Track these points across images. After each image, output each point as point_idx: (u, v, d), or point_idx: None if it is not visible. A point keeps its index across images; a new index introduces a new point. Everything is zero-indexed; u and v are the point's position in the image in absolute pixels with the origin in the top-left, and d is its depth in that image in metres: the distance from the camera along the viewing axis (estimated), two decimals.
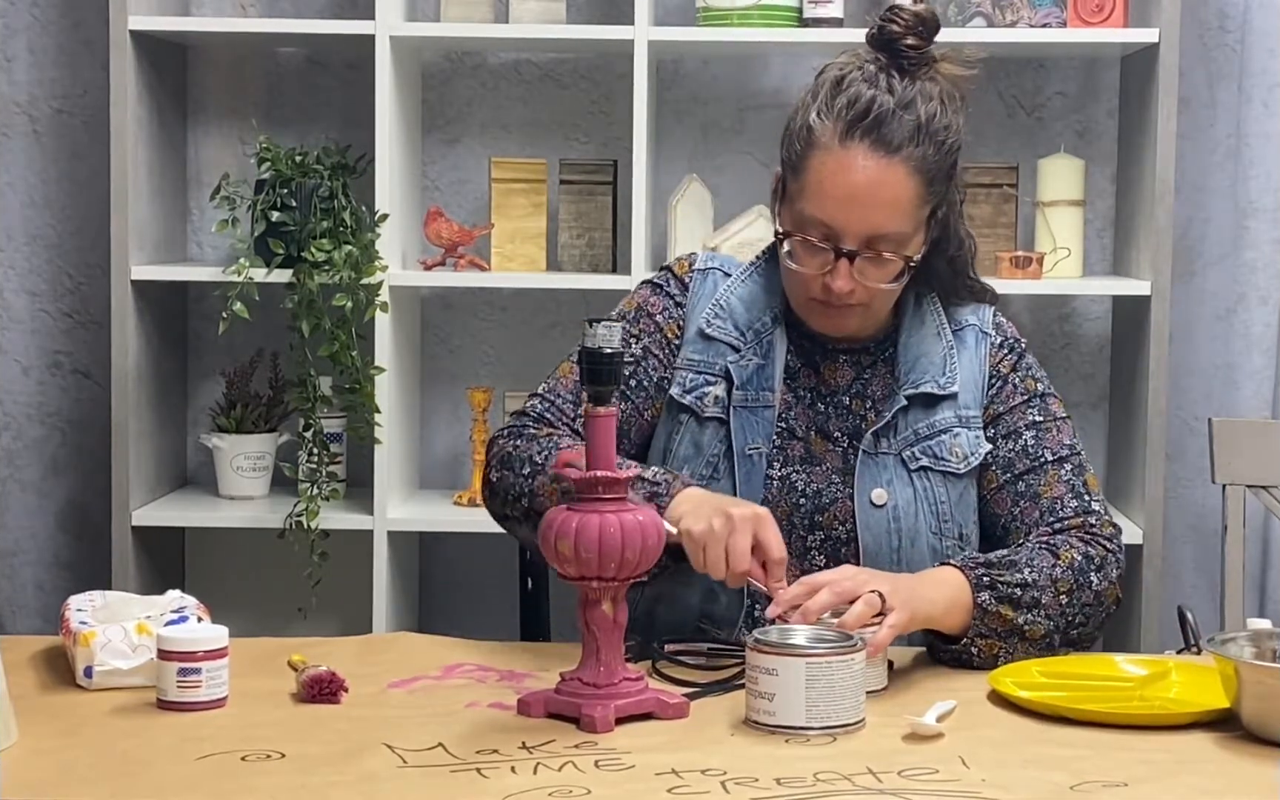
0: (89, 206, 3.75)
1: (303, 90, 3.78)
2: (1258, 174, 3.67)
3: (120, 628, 2.03)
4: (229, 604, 3.01)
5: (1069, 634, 2.19)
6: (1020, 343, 2.40)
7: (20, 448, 3.82)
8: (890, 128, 2.23)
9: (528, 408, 2.35)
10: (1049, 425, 2.34)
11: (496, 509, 2.31)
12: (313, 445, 3.48)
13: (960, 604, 2.14)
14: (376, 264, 3.42)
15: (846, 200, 2.23)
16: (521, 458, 2.26)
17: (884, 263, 2.26)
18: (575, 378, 2.34)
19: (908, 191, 2.24)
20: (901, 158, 2.23)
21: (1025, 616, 2.15)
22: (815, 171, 2.25)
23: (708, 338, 2.36)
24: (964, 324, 2.38)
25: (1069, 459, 2.32)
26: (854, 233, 2.24)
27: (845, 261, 2.24)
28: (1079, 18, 3.44)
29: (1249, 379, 3.70)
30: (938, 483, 2.31)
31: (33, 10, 3.76)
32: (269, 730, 1.89)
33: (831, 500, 2.29)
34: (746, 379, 2.33)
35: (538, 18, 3.49)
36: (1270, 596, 3.70)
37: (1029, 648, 2.16)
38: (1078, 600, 2.19)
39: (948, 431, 2.32)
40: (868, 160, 2.23)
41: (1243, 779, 1.78)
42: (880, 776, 1.75)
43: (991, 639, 2.14)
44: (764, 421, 2.31)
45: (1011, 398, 2.35)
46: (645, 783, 1.73)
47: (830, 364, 2.36)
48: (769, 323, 2.35)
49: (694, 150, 3.73)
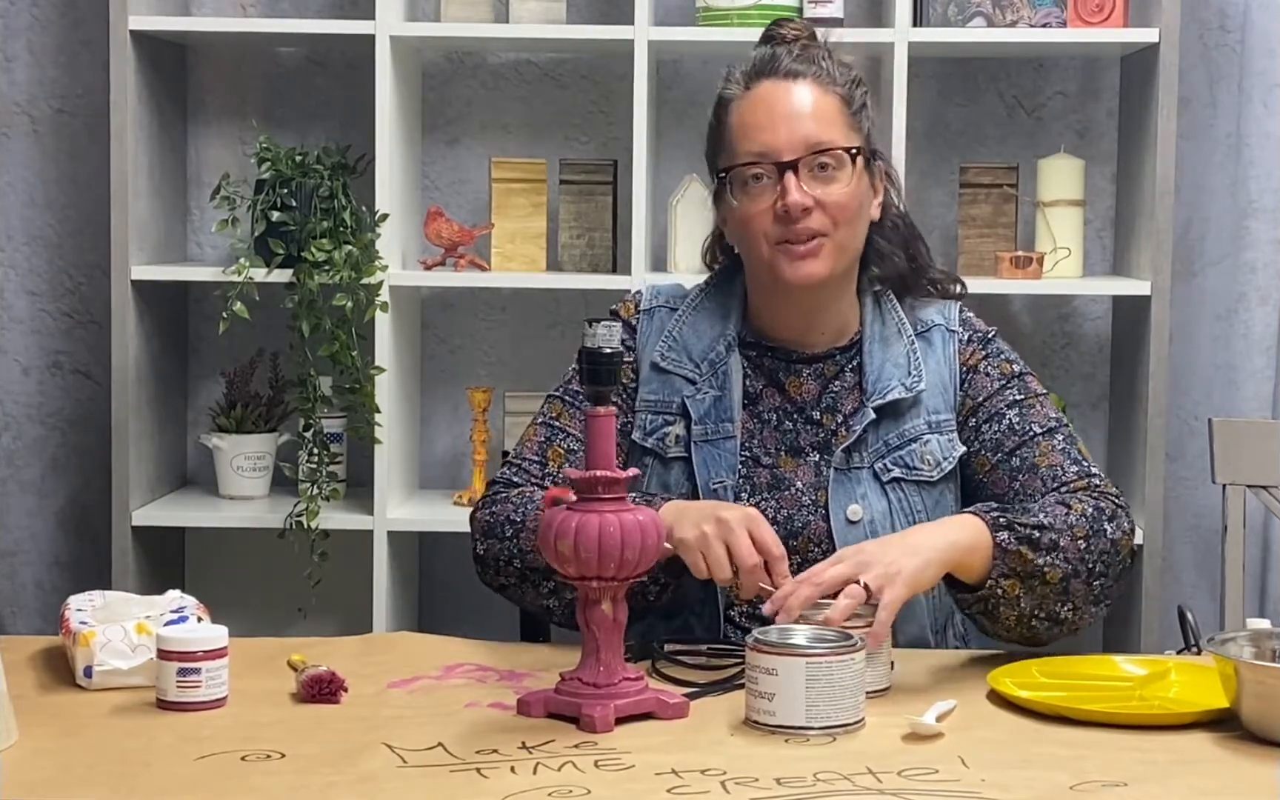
0: (89, 206, 3.75)
1: (303, 90, 3.78)
2: (1258, 174, 3.67)
3: (120, 628, 2.03)
4: (229, 604, 3.01)
5: (1090, 585, 2.16)
6: (989, 332, 2.39)
7: (20, 448, 3.82)
8: (790, 63, 2.32)
9: (498, 477, 2.37)
10: (1031, 401, 2.33)
11: (490, 580, 2.31)
12: (313, 445, 3.48)
13: (980, 544, 2.11)
14: (376, 264, 3.42)
15: (769, 121, 2.29)
16: (500, 521, 2.27)
17: (831, 174, 2.28)
18: (539, 439, 2.36)
19: (827, 103, 2.30)
20: (809, 79, 2.31)
21: (1045, 558, 2.13)
22: (736, 121, 2.33)
23: (662, 371, 2.36)
24: (930, 324, 2.38)
25: (1058, 430, 2.31)
26: (789, 143, 2.27)
27: (791, 175, 2.26)
28: (1079, 18, 3.44)
29: (1249, 379, 3.70)
30: (912, 492, 2.30)
31: (33, 10, 3.76)
32: (269, 730, 1.89)
33: (803, 524, 2.28)
34: (704, 413, 2.32)
35: (538, 18, 3.49)
36: (1270, 596, 3.70)
37: (1049, 594, 2.14)
38: (1095, 546, 2.16)
39: (918, 439, 2.31)
40: (775, 87, 2.32)
41: (1243, 779, 1.79)
42: (880, 776, 1.75)
43: (1013, 579, 2.12)
44: (726, 453, 2.31)
45: (988, 384, 2.34)
46: (645, 783, 1.73)
47: (794, 378, 2.35)
48: (723, 352, 2.35)
49: (694, 150, 3.70)
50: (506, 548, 2.26)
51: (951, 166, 3.66)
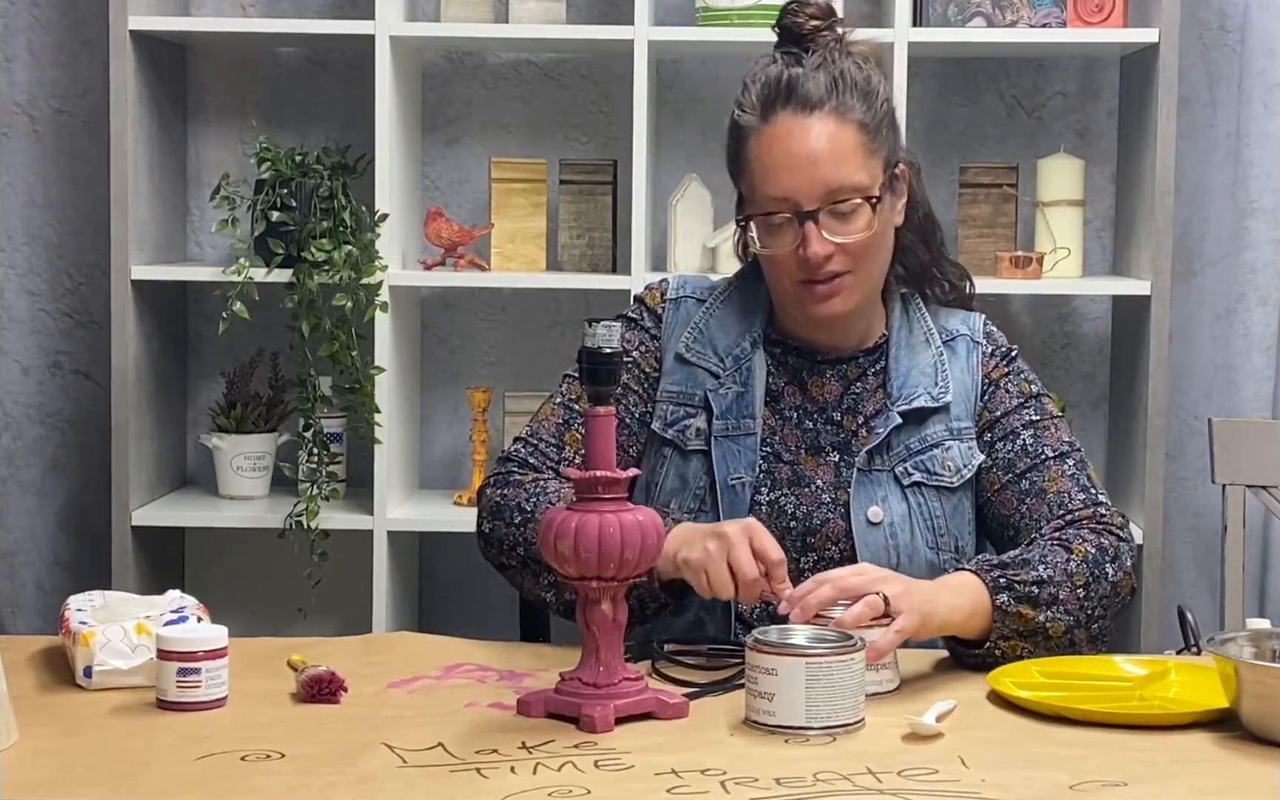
0: (89, 206, 3.75)
1: (303, 90, 3.78)
2: (1258, 174, 3.67)
3: (120, 628, 2.03)
4: (229, 604, 3.00)
5: (1090, 630, 2.17)
6: (1012, 349, 2.41)
7: (20, 448, 3.82)
8: (805, 89, 2.27)
9: (511, 452, 2.36)
10: (1046, 424, 2.34)
11: (493, 559, 2.32)
12: (313, 445, 3.48)
13: (980, 609, 2.12)
14: (376, 264, 3.42)
15: (788, 166, 2.26)
16: (510, 506, 2.27)
17: (849, 216, 2.26)
18: (557, 420, 2.36)
19: (843, 139, 2.26)
20: (826, 111, 2.26)
21: (1045, 614, 2.14)
22: (753, 157, 2.28)
23: (687, 363, 2.36)
24: (955, 334, 2.39)
25: (1069, 454, 2.32)
26: (807, 193, 2.25)
27: (812, 225, 2.25)
28: (1079, 18, 3.44)
29: (1249, 379, 3.70)
30: (932, 497, 2.31)
31: (33, 10, 3.76)
32: (269, 730, 1.89)
33: (822, 522, 2.29)
34: (726, 408, 2.33)
35: (538, 18, 3.49)
36: (1270, 596, 3.70)
37: (1051, 646, 2.15)
38: (1095, 593, 2.18)
39: (939, 445, 2.32)
40: (792, 123, 2.26)
41: (1243, 779, 1.78)
42: (880, 776, 1.75)
43: (1014, 640, 2.13)
44: (746, 449, 2.31)
45: (1006, 401, 2.35)
46: (645, 783, 1.73)
47: (817, 379, 2.36)
48: (748, 348, 2.35)
49: (694, 150, 3.73)
50: (512, 534, 2.26)
51: (951, 166, 3.66)
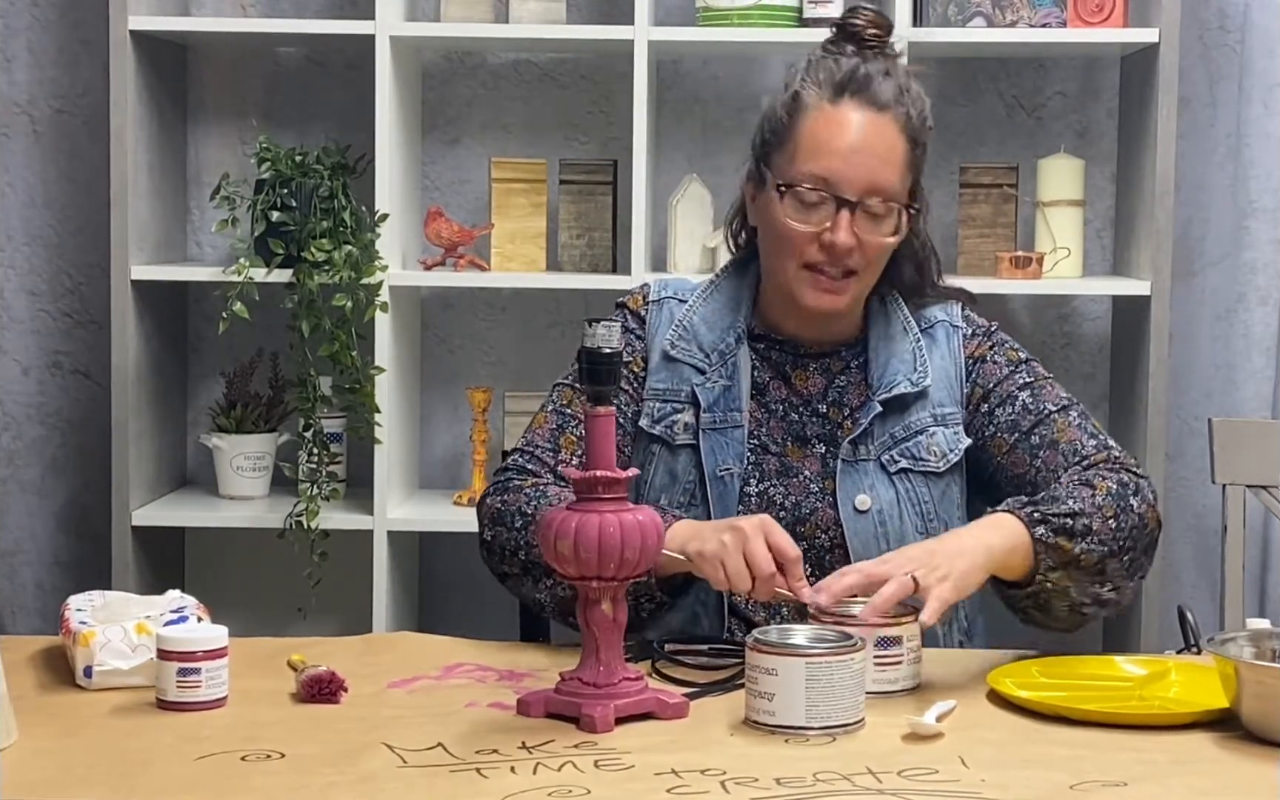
0: (89, 206, 3.75)
1: (303, 90, 3.78)
2: (1258, 174, 3.67)
3: (120, 628, 2.03)
4: (229, 604, 3.01)
5: (1123, 561, 2.18)
6: (991, 325, 2.42)
7: (20, 448, 3.82)
8: (876, 87, 2.28)
9: (509, 462, 2.37)
10: (1041, 383, 2.37)
11: (495, 567, 2.32)
12: (313, 445, 3.48)
13: (1020, 544, 2.13)
14: (376, 264, 3.42)
15: (846, 151, 2.26)
16: (511, 511, 2.28)
17: (881, 218, 2.27)
18: (551, 425, 2.37)
19: (899, 147, 2.28)
20: (891, 115, 2.28)
21: (1080, 545, 2.15)
22: (809, 131, 2.28)
23: (672, 360, 2.37)
24: (934, 321, 2.40)
25: (1071, 407, 2.35)
26: (853, 182, 2.26)
27: (846, 213, 2.26)
28: (1079, 18, 3.44)
29: (1249, 379, 3.70)
30: (919, 483, 2.32)
31: (33, 10, 3.76)
32: (269, 730, 1.89)
33: (811, 511, 2.30)
34: (713, 401, 2.33)
35: (538, 18, 3.49)
36: (1270, 596, 3.70)
37: (1088, 579, 2.15)
38: (1125, 523, 2.18)
39: (924, 432, 2.34)
40: (860, 114, 2.28)
41: (1242, 779, 1.79)
42: (880, 776, 1.75)
43: (1060, 571, 2.14)
44: (734, 442, 2.32)
45: (996, 371, 2.37)
46: (645, 783, 1.73)
47: (801, 372, 2.37)
48: (732, 343, 2.36)
49: (694, 150, 3.73)
50: (514, 538, 2.27)
51: (951, 166, 3.66)
